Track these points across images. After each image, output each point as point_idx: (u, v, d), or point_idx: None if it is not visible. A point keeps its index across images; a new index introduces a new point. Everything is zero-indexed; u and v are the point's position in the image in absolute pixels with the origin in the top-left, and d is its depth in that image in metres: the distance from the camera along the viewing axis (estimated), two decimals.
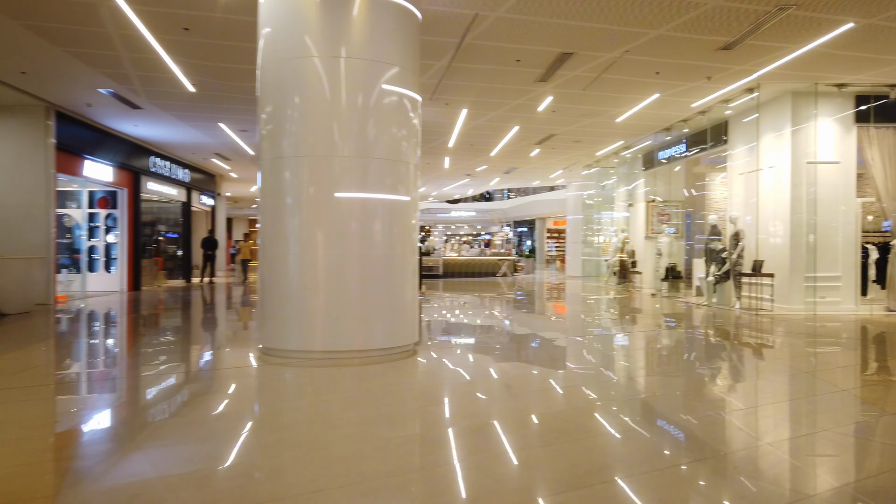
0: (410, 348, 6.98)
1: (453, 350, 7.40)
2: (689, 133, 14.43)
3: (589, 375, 5.94)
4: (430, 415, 4.42)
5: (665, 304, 13.62)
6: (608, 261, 19.62)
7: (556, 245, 43.37)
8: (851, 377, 6.03)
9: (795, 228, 11.18)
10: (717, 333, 9.08)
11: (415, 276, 7.14)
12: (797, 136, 11.22)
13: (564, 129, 14.82)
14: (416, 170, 7.14)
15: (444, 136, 15.68)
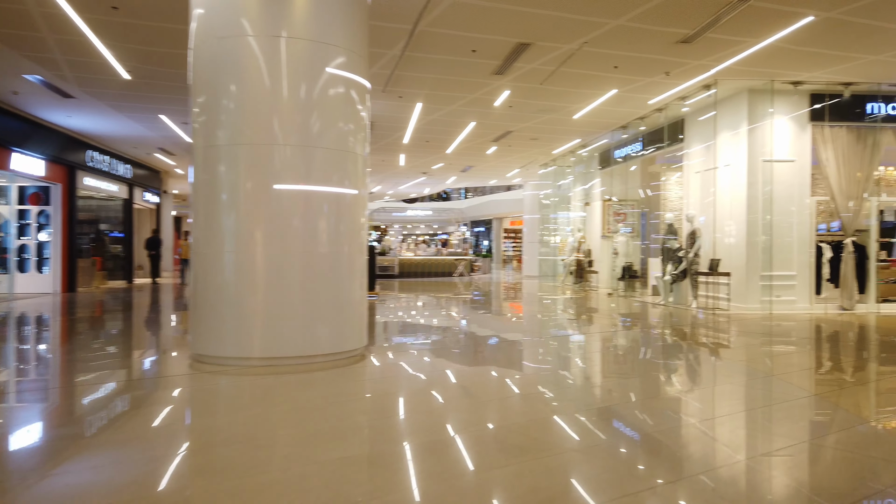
0: (359, 353, 6.52)
1: (405, 353, 6.96)
2: (645, 131, 14.32)
3: (546, 380, 5.58)
4: (375, 430, 3.98)
5: (621, 303, 13.46)
6: (565, 260, 19.47)
7: (512, 245, 43.40)
8: (807, 378, 5.83)
9: (751, 227, 11.12)
10: (674, 333, 8.89)
11: (364, 276, 6.68)
12: (753, 135, 11.16)
13: (521, 126, 14.54)
14: (366, 162, 6.68)
15: (398, 132, 15.22)
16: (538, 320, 10.87)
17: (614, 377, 5.99)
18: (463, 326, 9.91)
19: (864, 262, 11.29)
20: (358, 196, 6.42)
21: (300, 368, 5.74)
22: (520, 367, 6.36)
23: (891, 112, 11.10)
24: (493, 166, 21.22)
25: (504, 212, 38.30)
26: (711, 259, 11.51)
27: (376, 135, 15.57)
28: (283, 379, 5.37)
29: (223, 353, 5.89)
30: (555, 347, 7.59)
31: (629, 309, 12.38)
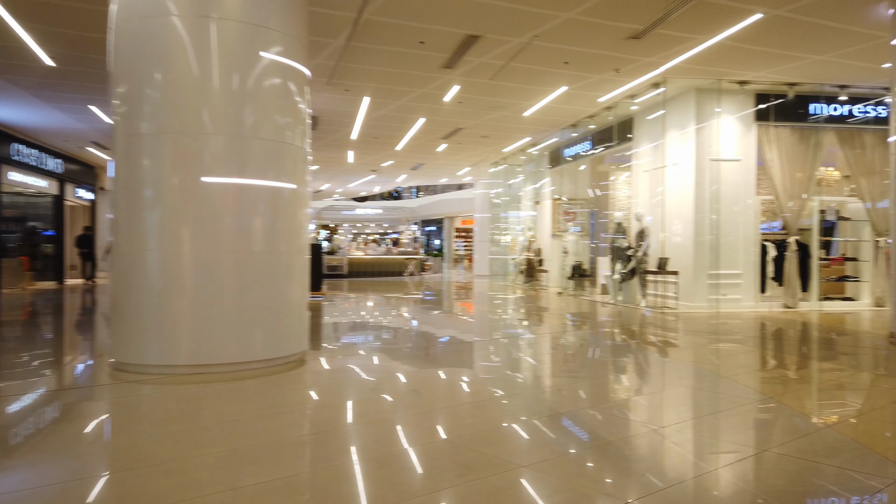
0: (298, 357, 6.12)
1: (348, 357, 6.60)
2: (595, 130, 14.28)
3: (496, 385, 5.32)
4: (306, 448, 3.63)
5: (571, 302, 13.37)
6: (515, 259, 19.36)
7: (464, 244, 43.27)
8: (753, 376, 5.75)
9: (699, 226, 11.15)
10: (623, 333, 8.77)
11: (304, 277, 6.29)
12: (701, 134, 11.20)
13: (472, 123, 14.30)
14: (306, 156, 6.29)
15: (345, 128, 14.78)
16: (488, 320, 10.64)
17: (564, 379, 5.78)
18: (411, 327, 9.59)
19: (806, 261, 11.48)
20: (297, 191, 6.03)
21: (231, 376, 5.31)
22: (469, 370, 6.09)
23: (832, 113, 11.30)
24: (444, 164, 20.96)
25: (455, 211, 38.14)
26: (660, 258, 11.50)
27: (323, 130, 15.09)
28: (212, 389, 4.94)
29: (146, 360, 5.41)
30: (504, 349, 7.35)
31: (579, 308, 12.29)
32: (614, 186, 16.80)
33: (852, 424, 4.05)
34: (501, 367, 6.23)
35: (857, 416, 4.40)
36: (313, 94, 11.54)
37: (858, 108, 11.40)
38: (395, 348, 7.39)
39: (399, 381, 5.46)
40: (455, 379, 5.65)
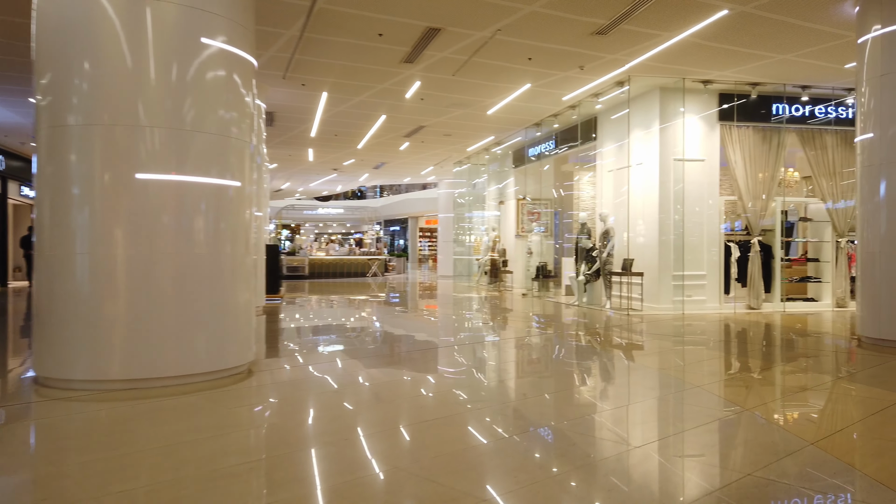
0: (245, 368, 5.71)
1: (301, 367, 6.20)
2: (559, 129, 14.10)
3: (459, 396, 5.00)
4: (242, 479, 3.24)
5: (535, 304, 13.16)
6: (479, 260, 19.11)
7: (428, 244, 42.98)
8: (717, 380, 5.56)
9: (663, 227, 11.03)
10: (588, 335, 8.56)
11: (251, 280, 5.87)
12: (665, 134, 11.08)
13: (434, 121, 13.98)
14: (253, 151, 5.87)
15: (304, 124, 14.30)
16: (450, 324, 10.33)
17: (528, 382, 5.49)
18: (370, 331, 9.21)
19: (769, 262, 11.46)
20: (242, 189, 5.60)
21: (170, 391, 4.88)
22: (429, 379, 5.75)
23: (794, 113, 11.31)
24: (407, 163, 20.59)
25: (420, 210, 37.80)
26: (625, 259, 11.35)
27: (280, 127, 14.58)
28: (146, 406, 4.50)
29: (73, 374, 4.93)
30: (467, 355, 7.03)
31: (543, 310, 12.07)
32: (578, 186, 16.67)
33: (834, 440, 3.85)
34: (464, 379, 5.91)
35: (839, 430, 4.21)
36: (269, 89, 11.07)
37: (819, 108, 11.43)
38: (352, 356, 7.01)
39: (355, 393, 5.09)
40: (412, 390, 5.32)
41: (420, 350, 7.55)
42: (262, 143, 11.20)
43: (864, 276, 7.19)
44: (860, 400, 4.90)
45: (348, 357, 6.86)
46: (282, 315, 11.23)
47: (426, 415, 4.45)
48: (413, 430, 3.98)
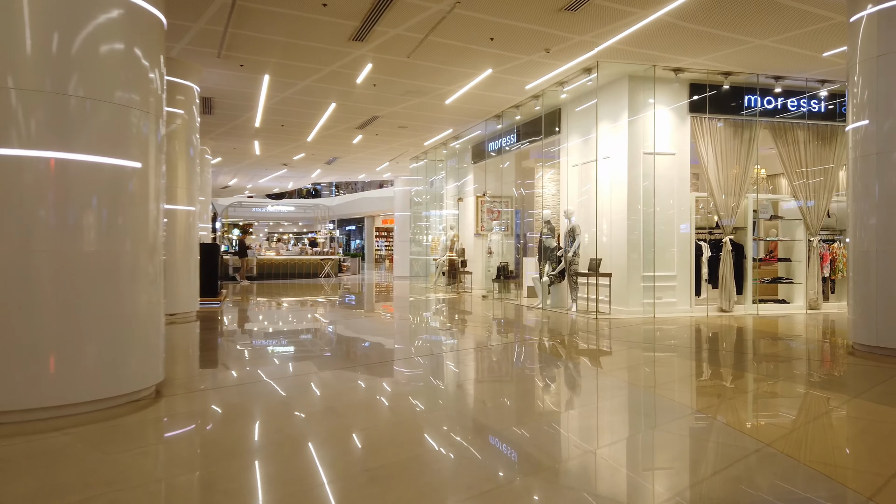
0: (152, 391, 4.69)
1: (226, 388, 5.21)
2: (521, 121, 13.32)
3: (408, 419, 4.11)
4: None
5: (496, 306, 12.35)
6: (437, 260, 18.24)
7: (385, 244, 42.06)
8: (686, 390, 4.82)
9: (632, 224, 10.35)
10: (552, 340, 7.77)
11: (155, 284, 4.84)
12: (634, 126, 10.40)
13: (388, 111, 13.04)
14: (162, 124, 4.86)
15: (247, 112, 13.18)
16: (404, 328, 9.42)
17: (487, 396, 4.63)
18: (315, 339, 8.23)
19: (741, 262, 10.90)
20: (146, 173, 4.58)
21: (40, 427, 3.83)
22: (381, 399, 4.84)
23: (766, 106, 10.78)
24: (361, 158, 19.57)
25: (376, 210, 36.77)
26: (591, 259, 10.63)
27: (221, 116, 13.43)
28: (14, 450, 3.47)
29: None
30: (421, 366, 6.14)
31: (504, 313, 11.27)
32: (540, 184, 15.96)
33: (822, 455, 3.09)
34: (419, 401, 5.01)
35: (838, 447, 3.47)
36: (202, 70, 9.98)
37: (792, 101, 10.93)
38: (291, 370, 6.03)
39: (289, 424, 4.15)
40: (361, 415, 4.39)
41: (368, 362, 6.63)
42: (194, 129, 10.09)
43: (858, 277, 6.57)
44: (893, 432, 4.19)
45: (286, 372, 5.88)
46: (215, 322, 10.14)
47: (376, 439, 3.54)
48: (352, 481, 3.06)
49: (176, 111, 9.58)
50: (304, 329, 9.61)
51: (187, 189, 9.86)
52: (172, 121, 9.56)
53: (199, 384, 5.39)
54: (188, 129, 9.86)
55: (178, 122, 9.66)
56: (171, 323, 9.25)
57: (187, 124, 9.82)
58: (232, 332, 9.11)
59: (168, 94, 9.81)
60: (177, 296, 9.60)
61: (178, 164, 9.68)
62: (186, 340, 8.08)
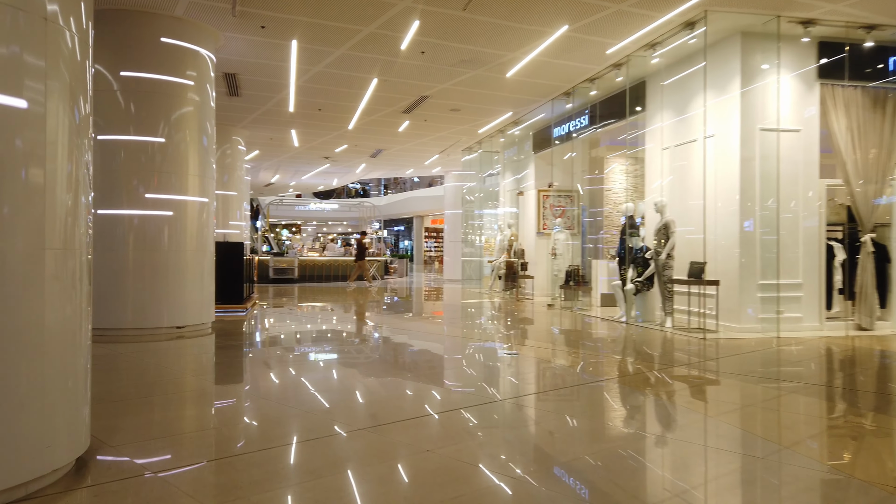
0: (69, 469, 2.94)
1: (192, 474, 3.42)
2: (597, 98, 11.21)
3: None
4: None
5: (566, 318, 10.34)
6: (492, 262, 16.29)
7: (434, 245, 40.63)
8: (830, 446, 2.76)
9: (746, 219, 8.21)
10: (645, 366, 5.73)
11: (72, 299, 3.09)
12: (749, 96, 8.26)
13: (439, 89, 11.18)
14: (79, 121, 3.11)
15: (278, 93, 11.54)
16: (455, 348, 7.53)
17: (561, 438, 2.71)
18: (345, 361, 6.41)
19: (885, 267, 8.60)
20: (31, 113, 2.81)
21: None
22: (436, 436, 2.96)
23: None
24: (408, 150, 17.79)
25: (425, 209, 35.16)
26: (692, 262, 8.52)
27: (249, 98, 11.84)
28: None
29: None
30: (479, 411, 4.23)
31: (578, 326, 9.26)
32: (611, 176, 13.87)
33: None
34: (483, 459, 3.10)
35: None
36: (220, 36, 8.37)
37: None
38: (308, 416, 4.22)
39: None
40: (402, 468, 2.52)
41: (408, 390, 4.78)
42: (209, 109, 8.44)
43: None
44: None
45: (307, 430, 4.05)
46: (236, 335, 8.48)
47: None
48: None
49: (184, 82, 7.96)
50: (334, 343, 7.84)
51: (200, 177, 8.23)
52: (182, 95, 7.94)
53: (158, 453, 3.60)
54: (201, 104, 8.22)
55: (188, 97, 8.03)
56: (177, 338, 7.64)
57: (198, 100, 8.18)
58: (246, 354, 7.40)
59: (175, 62, 8.33)
60: (185, 305, 8.00)
61: (188, 144, 8.05)
62: (176, 367, 6.39)
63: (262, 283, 19.91)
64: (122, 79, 7.67)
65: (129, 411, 4.32)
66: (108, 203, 7.69)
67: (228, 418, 4.37)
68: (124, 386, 5.20)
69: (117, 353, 6.70)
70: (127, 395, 4.81)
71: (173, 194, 7.95)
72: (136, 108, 7.72)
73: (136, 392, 4.98)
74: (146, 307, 7.75)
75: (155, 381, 5.48)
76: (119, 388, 5.07)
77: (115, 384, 5.22)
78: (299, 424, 4.05)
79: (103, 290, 7.63)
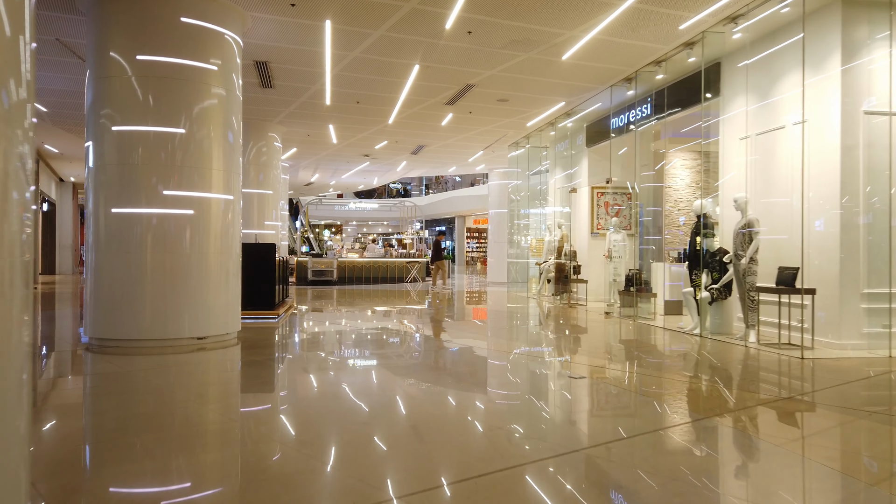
0: None
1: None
2: (663, 83, 10.09)
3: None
4: None
5: (630, 329, 9.26)
6: (540, 264, 15.25)
7: (476, 245, 39.79)
8: None
9: (849, 217, 7.03)
10: (727, 391, 4.66)
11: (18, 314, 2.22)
12: (850, 74, 7.07)
13: (486, 76, 10.23)
14: (16, 10, 2.22)
15: (314, 84, 10.76)
16: (507, 363, 6.55)
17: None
18: (370, 389, 5.53)
19: None
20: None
21: None
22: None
23: None
24: (450, 146, 16.87)
25: (467, 209, 34.28)
26: (782, 268, 7.36)
27: (283, 90, 11.10)
28: None
29: None
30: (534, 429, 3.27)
31: (649, 341, 8.19)
32: (673, 170, 12.69)
33: None
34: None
35: None
36: (246, 16, 7.59)
37: None
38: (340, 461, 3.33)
39: None
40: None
41: (451, 423, 3.85)
42: (235, 98, 7.67)
43: None
44: None
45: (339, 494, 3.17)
46: (265, 347, 7.69)
47: None
48: None
49: (208, 67, 7.20)
50: (372, 359, 6.96)
51: (224, 171, 7.46)
52: (205, 81, 7.19)
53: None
54: (227, 93, 7.45)
55: (212, 84, 7.27)
56: (199, 349, 6.88)
57: (224, 88, 7.41)
58: (274, 369, 6.58)
59: (197, 44, 7.57)
60: (208, 313, 7.24)
61: (211, 137, 7.29)
62: (188, 390, 5.59)
63: (300, 286, 19.31)
64: (138, 64, 6.94)
65: (116, 457, 3.50)
66: (125, 201, 6.98)
67: (258, 470, 3.51)
68: (116, 417, 4.40)
69: (128, 369, 5.95)
70: (113, 432, 4.00)
71: (195, 191, 7.20)
72: (155, 96, 6.99)
73: (124, 426, 4.17)
74: (165, 315, 7.02)
75: (155, 411, 4.67)
76: (106, 422, 4.26)
77: (105, 416, 4.42)
78: (313, 459, 3.15)
79: (118, 297, 6.94)
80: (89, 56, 7.18)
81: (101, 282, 7.05)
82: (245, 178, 13.91)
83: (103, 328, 7.02)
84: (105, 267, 7.05)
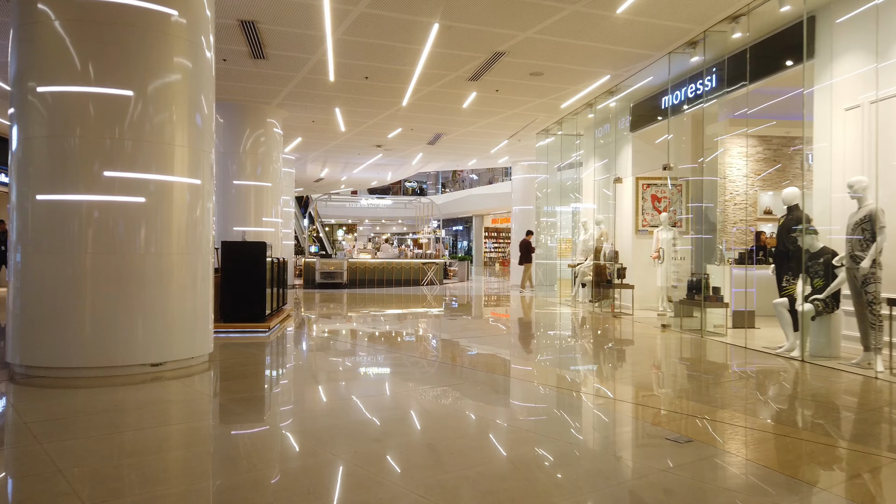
0: None
1: None
2: (741, 44, 8.18)
3: None
4: None
5: (704, 350, 7.45)
6: (573, 266, 13.44)
7: (494, 245, 38.12)
8: None
9: None
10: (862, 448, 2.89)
11: None
12: None
13: (518, 40, 8.45)
14: None
15: (313, 52, 9.05)
16: (549, 401, 4.77)
17: None
18: (371, 432, 3.80)
19: None
20: None
21: None
22: None
23: None
24: (472, 134, 15.09)
25: (486, 207, 32.63)
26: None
27: (278, 61, 9.41)
28: None
29: None
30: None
31: (739, 369, 6.36)
32: (730, 158, 10.84)
33: None
34: None
35: None
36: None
37: None
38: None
39: None
40: None
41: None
42: (203, 49, 5.98)
43: None
44: None
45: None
46: (242, 376, 5.98)
47: None
48: None
49: (164, 10, 5.53)
50: (357, 387, 5.23)
51: (190, 148, 5.78)
52: (161, 28, 5.51)
53: None
54: (194, 48, 5.77)
55: (170, 30, 5.60)
56: (153, 379, 5.23)
57: (189, 38, 5.73)
58: (247, 416, 4.86)
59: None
60: (168, 331, 5.60)
61: (171, 101, 5.61)
62: (93, 459, 3.90)
63: (308, 289, 17.68)
64: (73, 4, 5.28)
65: None
66: (57, 186, 5.34)
67: None
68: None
69: (49, 415, 4.26)
70: None
71: (150, 173, 5.54)
72: (95, 48, 5.34)
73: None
74: (110, 335, 5.36)
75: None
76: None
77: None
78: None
79: (48, 311, 5.30)
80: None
81: (29, 290, 5.40)
82: (241, 170, 12.31)
83: (30, 352, 5.37)
84: (33, 271, 5.40)
